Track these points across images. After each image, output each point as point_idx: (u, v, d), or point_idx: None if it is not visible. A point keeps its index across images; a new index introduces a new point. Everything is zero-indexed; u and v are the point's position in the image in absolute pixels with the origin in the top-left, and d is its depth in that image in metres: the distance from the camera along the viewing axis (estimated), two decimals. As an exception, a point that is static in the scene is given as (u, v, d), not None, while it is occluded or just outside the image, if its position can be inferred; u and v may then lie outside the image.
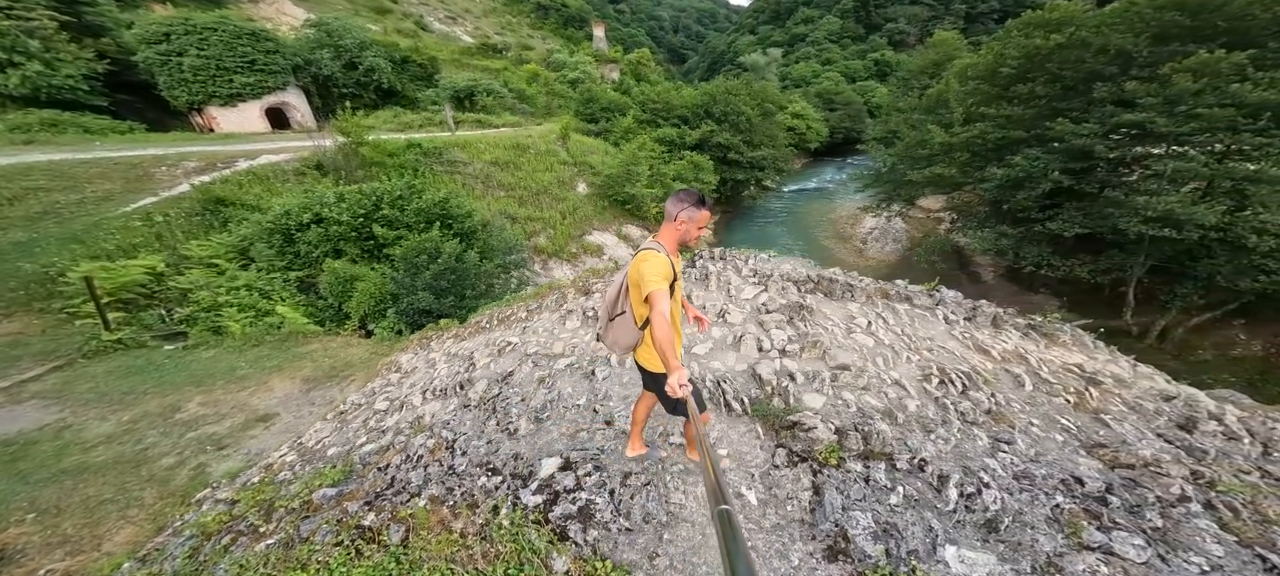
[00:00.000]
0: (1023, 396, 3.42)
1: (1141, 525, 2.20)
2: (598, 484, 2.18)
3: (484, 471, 2.29)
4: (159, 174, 12.52)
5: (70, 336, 6.54)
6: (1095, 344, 5.13)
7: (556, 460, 2.33)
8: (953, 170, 18.96)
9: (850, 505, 2.18)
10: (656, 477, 2.29)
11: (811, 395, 2.93)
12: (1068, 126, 13.23)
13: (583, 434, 2.60)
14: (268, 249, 9.24)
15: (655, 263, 1.79)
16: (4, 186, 10.45)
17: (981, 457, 2.61)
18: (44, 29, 19.27)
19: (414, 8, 45.88)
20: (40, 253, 8.18)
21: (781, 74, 68.95)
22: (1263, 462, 2.87)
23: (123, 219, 9.85)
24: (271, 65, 22.51)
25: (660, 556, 1.95)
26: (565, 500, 2.06)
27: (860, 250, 25.35)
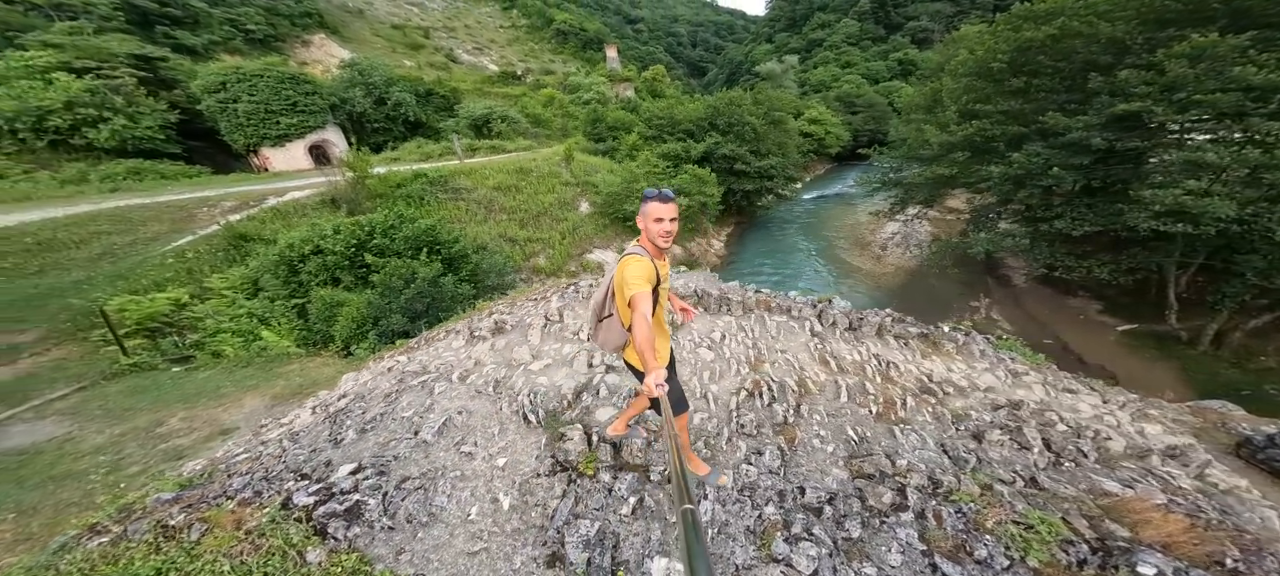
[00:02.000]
0: (834, 406, 3.49)
1: (837, 535, 2.31)
2: (374, 487, 2.53)
3: (293, 475, 2.70)
4: (200, 215, 14.16)
5: (100, 361, 7.61)
6: (1000, 354, 4.98)
7: (351, 465, 2.70)
8: (953, 170, 18.25)
9: (582, 514, 2.41)
10: (430, 483, 2.61)
11: (605, 410, 3.17)
12: (1060, 119, 12.55)
13: (393, 443, 2.96)
14: (274, 279, 10.29)
15: (637, 266, 1.87)
16: (74, 232, 12.20)
17: (728, 469, 2.77)
18: (126, 86, 22.21)
19: (444, 41, 49.09)
20: (90, 289, 9.53)
21: (800, 80, 68.06)
22: (1044, 472, 2.86)
23: (161, 257, 11.26)
24: (311, 105, 24.88)
25: (406, 552, 2.26)
26: (337, 500, 2.42)
27: (878, 256, 24.49)
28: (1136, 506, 2.63)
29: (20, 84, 20.38)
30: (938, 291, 18.68)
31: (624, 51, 64.18)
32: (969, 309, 17.26)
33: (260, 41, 34.58)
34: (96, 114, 21.03)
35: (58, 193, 17.72)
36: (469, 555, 2.22)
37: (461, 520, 2.41)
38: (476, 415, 3.20)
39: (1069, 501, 2.73)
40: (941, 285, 19.08)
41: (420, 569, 2.13)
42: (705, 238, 26.26)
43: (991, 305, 17.29)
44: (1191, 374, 11.28)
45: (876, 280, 21.53)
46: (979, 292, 18.02)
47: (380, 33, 45.45)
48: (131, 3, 29.24)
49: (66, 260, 11.21)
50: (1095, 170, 13.21)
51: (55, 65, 21.44)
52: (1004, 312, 16.77)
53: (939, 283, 19.30)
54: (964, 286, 18.87)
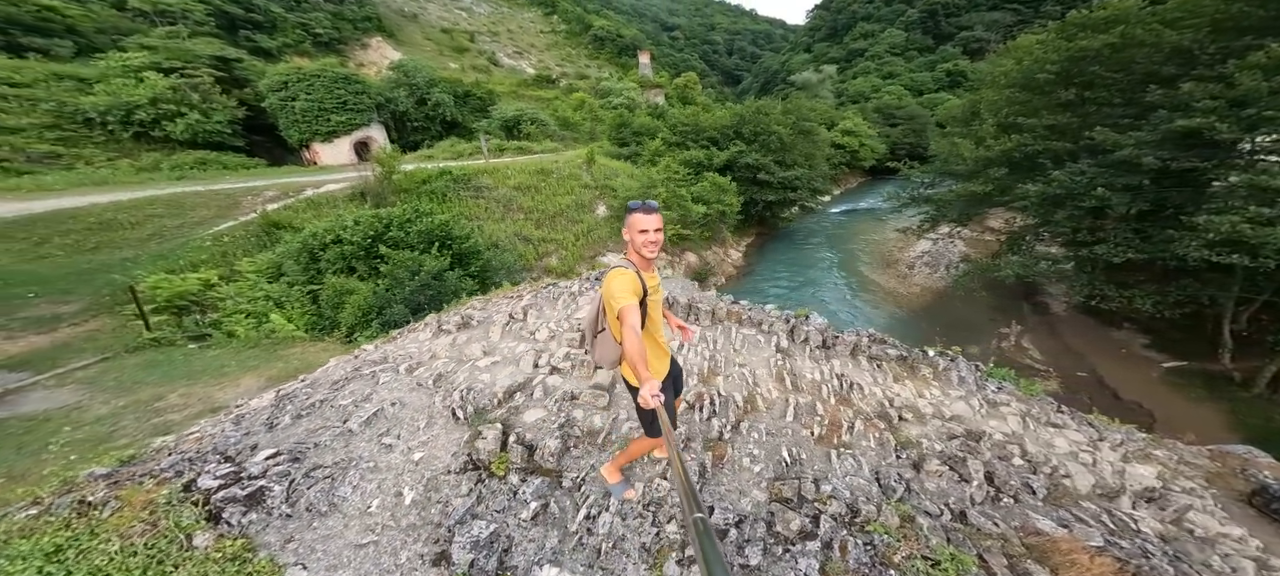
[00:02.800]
0: (777, 426, 3.30)
1: (735, 560, 2.16)
2: (283, 474, 2.57)
3: (217, 457, 2.77)
4: (244, 203, 15.17)
5: (127, 335, 8.23)
6: (986, 383, 4.58)
7: (270, 450, 2.75)
8: (988, 187, 17.17)
9: (481, 515, 2.35)
10: (340, 473, 2.62)
11: (535, 411, 3.10)
12: (1109, 135, 11.55)
13: (320, 431, 3.00)
14: (295, 265, 10.86)
15: (622, 280, 1.87)
16: (132, 214, 13.34)
17: (639, 481, 2.63)
18: (204, 84, 24.28)
19: (488, 45, 50.95)
20: (134, 266, 10.36)
21: (837, 90, 66.32)
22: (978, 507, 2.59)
23: (201, 240, 12.12)
24: (359, 104, 26.38)
25: (295, 541, 2.27)
26: (241, 485, 2.46)
27: (905, 276, 23.39)
28: (1066, 547, 2.42)
29: (116, 82, 22.60)
30: (965, 316, 17.62)
31: (658, 58, 64.58)
32: (998, 335, 16.20)
33: (325, 44, 37.08)
34: (175, 109, 23.08)
35: (132, 179, 19.45)
36: (356, 548, 2.20)
37: (360, 512, 2.40)
38: (409, 408, 3.21)
39: (993, 539, 2.52)
40: (970, 309, 17.98)
41: (304, 559, 2.12)
42: (723, 247, 25.87)
43: (1023, 333, 16.15)
44: (1241, 417, 10.17)
45: (900, 300, 20.54)
46: (1011, 319, 16.86)
47: (430, 36, 47.69)
48: (221, 9, 32.12)
49: (121, 239, 12.25)
50: (1145, 193, 12.09)
51: (147, 65, 23.68)
52: (1036, 341, 15.62)
53: (967, 307, 18.20)
54: (995, 311, 17.71)
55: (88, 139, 22.46)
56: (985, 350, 15.09)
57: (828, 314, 19.41)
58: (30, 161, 20.80)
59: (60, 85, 22.74)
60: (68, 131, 22.07)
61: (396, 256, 10.54)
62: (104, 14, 28.85)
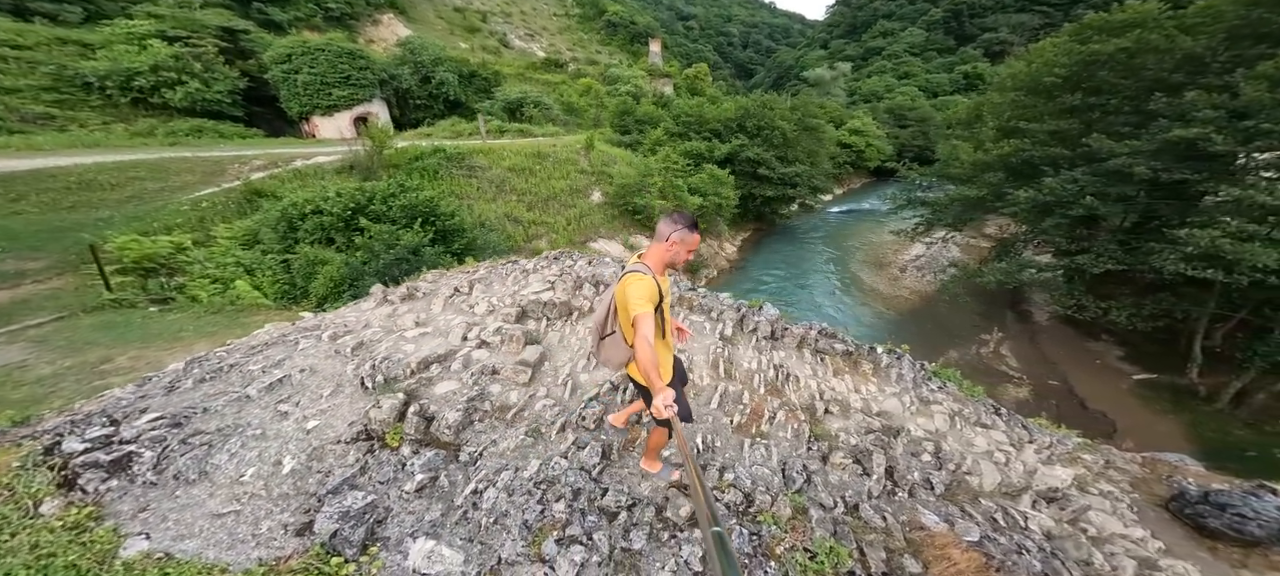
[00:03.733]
0: (701, 412, 3.33)
1: (618, 543, 2.10)
2: (157, 439, 2.46)
3: (103, 419, 2.67)
4: (230, 170, 15.05)
5: (88, 295, 8.16)
6: (927, 382, 4.47)
7: (155, 414, 2.65)
8: (983, 192, 16.91)
9: (362, 485, 2.25)
10: (221, 440, 2.52)
11: (448, 383, 2.99)
12: (1104, 142, 11.27)
13: (217, 395, 2.90)
14: (272, 233, 10.77)
15: (641, 285, 1.85)
16: (113, 176, 13.24)
17: (545, 460, 2.53)
18: (207, 54, 24.04)
19: (499, 26, 50.27)
20: (107, 227, 10.28)
21: (850, 88, 65.41)
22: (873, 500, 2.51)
23: (180, 204, 12.03)
24: (362, 79, 26.12)
25: (149, 510, 2.16)
26: (107, 450, 2.35)
27: (896, 279, 23.24)
28: (941, 542, 2.46)
29: (118, 48, 22.39)
30: (950, 321, 17.54)
31: (670, 47, 63.73)
32: (978, 342, 16.15)
33: (337, 19, 36.59)
34: (176, 77, 22.87)
35: (125, 143, 19.31)
36: (214, 517, 2.10)
37: (231, 481, 2.30)
38: (319, 375, 3.12)
39: (878, 532, 2.54)
40: (955, 315, 17.90)
41: (151, 528, 2.02)
42: (718, 240, 25.63)
43: (1003, 340, 16.07)
44: (1199, 430, 10.27)
45: (888, 302, 20.42)
46: (994, 326, 16.71)
47: (443, 14, 47.05)
48: None
49: (98, 200, 12.17)
50: (1136, 204, 11.83)
51: (152, 33, 23.43)
52: (1015, 349, 15.58)
53: (953, 312, 18.11)
54: (980, 318, 17.60)
55: (85, 103, 22.31)
56: (964, 355, 15.05)
57: (816, 311, 19.18)
58: (23, 121, 20.70)
59: (63, 49, 22.58)
60: (66, 94, 21.93)
61: (374, 229, 10.44)
62: None
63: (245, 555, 1.89)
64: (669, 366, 2.17)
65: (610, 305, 2.10)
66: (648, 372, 1.63)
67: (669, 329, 2.11)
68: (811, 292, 20.81)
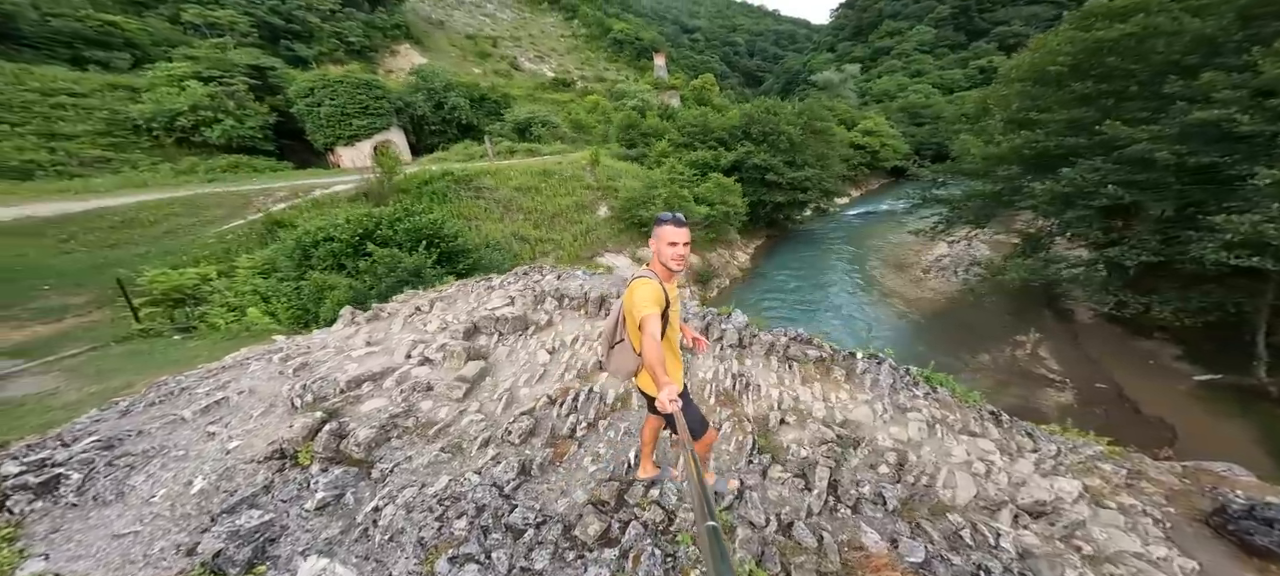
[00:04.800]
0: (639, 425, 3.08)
1: (518, 563, 2.03)
2: (86, 461, 2.51)
3: (55, 442, 2.74)
4: (256, 203, 15.86)
5: (120, 326, 8.64)
6: (910, 387, 4.15)
7: (92, 437, 2.70)
8: (998, 186, 16.10)
9: (261, 504, 2.21)
10: (143, 461, 2.54)
11: (376, 400, 2.95)
12: (1118, 128, 10.54)
13: (156, 419, 2.94)
14: (288, 261, 11.20)
15: (646, 289, 1.88)
16: (152, 213, 14.16)
17: (456, 476, 2.43)
18: (239, 92, 25.66)
19: (510, 50, 51.93)
20: (143, 261, 10.93)
21: (861, 89, 64.20)
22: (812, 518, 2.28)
23: (206, 237, 12.71)
24: (379, 109, 27.30)
25: (61, 531, 2.18)
26: (37, 472, 2.40)
27: (919, 281, 22.18)
28: (878, 563, 2.26)
29: (161, 90, 24.16)
30: (978, 323, 16.50)
31: (677, 60, 64.21)
32: (1011, 343, 15.07)
33: (358, 52, 38.69)
34: (212, 115, 24.44)
35: (170, 181, 20.65)
36: (114, 538, 2.10)
37: (142, 501, 2.31)
38: (256, 396, 3.14)
39: (810, 553, 2.33)
40: (984, 316, 16.85)
41: (53, 549, 2.04)
42: (729, 249, 25.30)
43: (1040, 342, 14.96)
44: (1276, 436, 9.10)
45: (911, 305, 19.44)
46: (1029, 327, 15.64)
47: (456, 42, 49.03)
48: (265, 21, 34.07)
49: (138, 236, 13.00)
50: (1167, 190, 10.98)
51: (189, 74, 25.20)
52: (1054, 350, 14.44)
53: (981, 313, 17.05)
54: (1013, 318, 16.47)
55: (135, 144, 24.07)
56: (996, 359, 14.09)
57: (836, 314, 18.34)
58: (82, 166, 22.43)
59: (114, 94, 24.49)
60: (118, 137, 23.72)
61: (379, 254, 10.71)
62: (160, 27, 31.02)
63: (129, 575, 1.87)
64: (678, 373, 2.13)
65: (619, 313, 2.10)
66: (653, 368, 1.63)
67: (673, 333, 2.08)
68: (830, 297, 20.08)
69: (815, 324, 17.25)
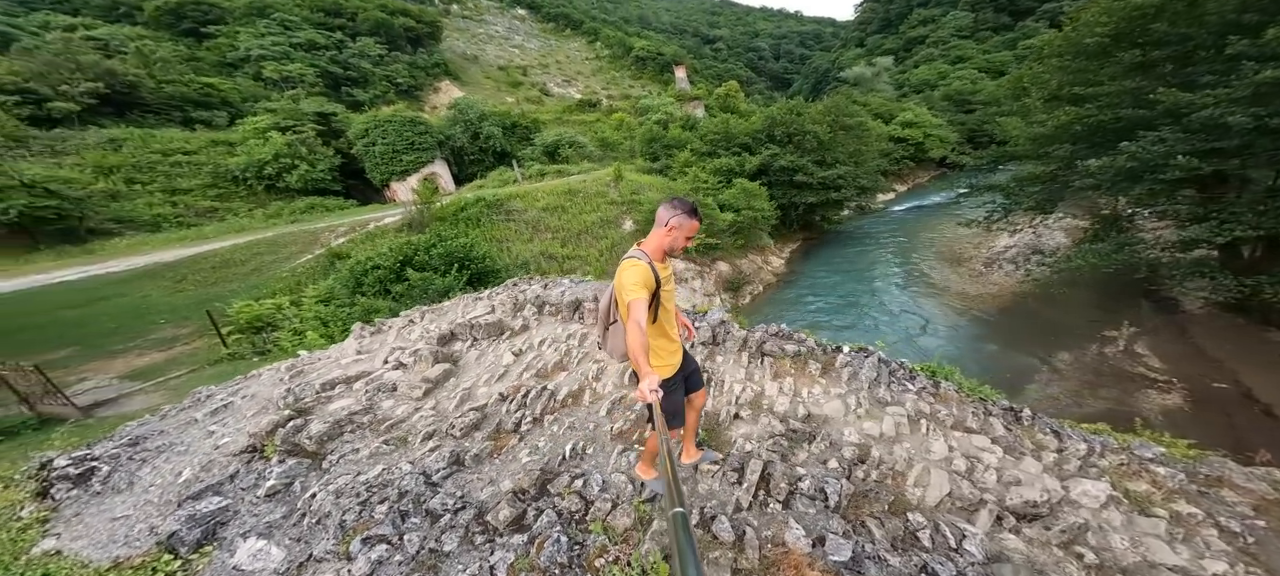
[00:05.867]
0: (588, 419, 3.17)
1: (428, 544, 2.10)
2: (113, 455, 2.93)
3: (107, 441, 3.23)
4: (322, 238, 17.65)
5: (215, 353, 9.89)
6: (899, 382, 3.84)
7: (127, 438, 3.15)
8: (1051, 166, 14.52)
9: (221, 491, 2.48)
10: (154, 455, 2.92)
11: (342, 400, 3.19)
12: (1174, 96, 9.21)
13: (177, 419, 3.37)
14: (343, 289, 12.35)
15: (634, 272, 1.81)
16: (243, 253, 16.17)
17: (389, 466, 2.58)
18: (310, 137, 28.78)
19: (539, 77, 54.45)
20: (234, 296, 12.49)
21: (897, 81, 60.77)
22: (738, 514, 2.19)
23: (282, 272, 14.28)
24: (424, 143, 29.52)
25: (79, 516, 2.55)
26: (77, 465, 2.85)
27: (979, 275, 20.04)
28: (797, 561, 2.13)
29: (250, 143, 27.61)
30: (1056, 318, 14.29)
31: (700, 71, 64.16)
32: (1099, 339, 12.98)
33: (406, 92, 42.30)
34: (291, 162, 27.55)
35: (262, 224, 23.47)
36: (112, 520, 2.45)
37: (143, 490, 2.66)
38: (256, 400, 3.51)
39: (726, 548, 2.22)
40: (1061, 310, 14.67)
41: (65, 530, 2.40)
42: (761, 254, 24.66)
43: (1136, 336, 12.69)
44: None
45: (971, 301, 17.39)
46: (1122, 320, 13.48)
47: (490, 75, 52.21)
48: (327, 71, 38.25)
49: (232, 274, 14.87)
50: (1256, 154, 9.40)
51: (270, 126, 28.64)
52: (1154, 346, 12.17)
53: (1059, 307, 14.92)
54: (1100, 311, 14.24)
55: (235, 193, 27.58)
56: (1079, 357, 11.97)
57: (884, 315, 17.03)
58: (197, 216, 26.02)
59: (216, 150, 28.24)
60: (222, 188, 27.31)
61: (415, 277, 11.55)
62: (247, 86, 35.53)
63: (109, 553, 2.18)
64: (675, 359, 2.06)
65: (611, 295, 2.04)
66: (636, 356, 1.58)
67: (670, 317, 2.01)
68: (877, 296, 18.32)
69: (860, 325, 16.09)
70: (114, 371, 9.72)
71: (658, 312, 1.92)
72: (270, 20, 38.85)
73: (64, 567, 2.08)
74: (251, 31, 37.93)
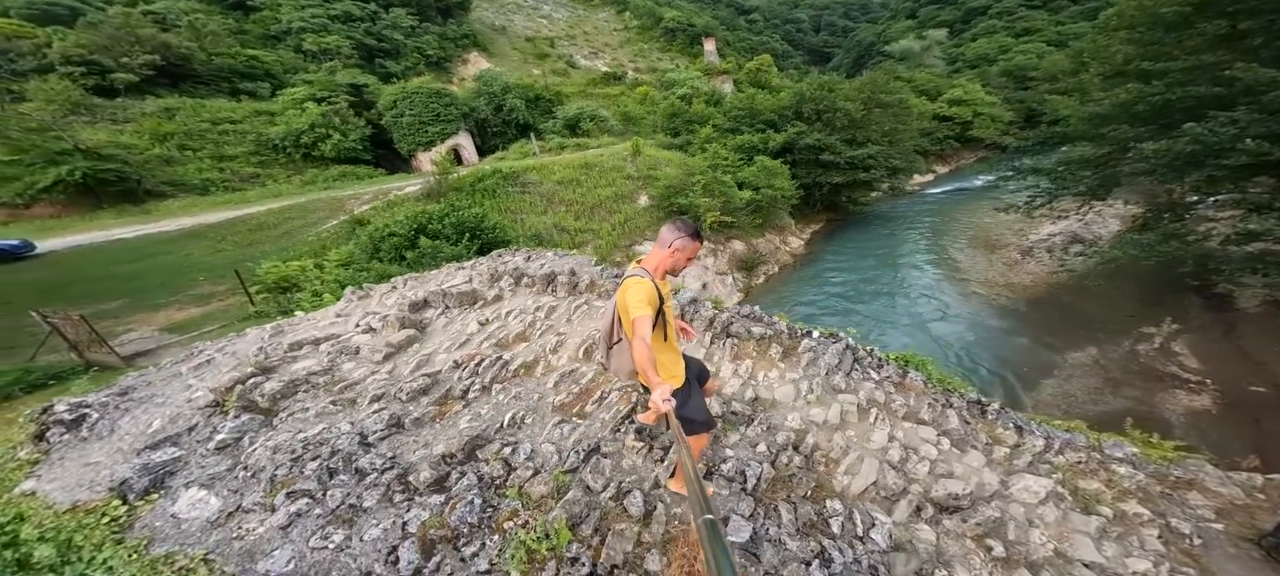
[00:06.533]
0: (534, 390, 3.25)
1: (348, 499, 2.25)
2: (104, 404, 3.18)
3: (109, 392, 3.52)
4: (347, 205, 18.33)
5: (244, 309, 10.57)
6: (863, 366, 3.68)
7: (118, 389, 3.41)
8: (1105, 149, 13.23)
9: (178, 442, 2.65)
10: (136, 406, 3.15)
11: (306, 361, 3.34)
12: (1257, 73, 8.07)
13: (165, 372, 3.61)
14: (362, 254, 12.86)
15: (640, 289, 1.84)
16: (276, 218, 17.03)
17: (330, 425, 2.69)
18: (343, 108, 29.61)
19: (566, 49, 53.46)
20: (264, 257, 13.24)
21: (949, 55, 56.24)
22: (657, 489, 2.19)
23: (308, 237, 14.98)
24: (449, 115, 29.84)
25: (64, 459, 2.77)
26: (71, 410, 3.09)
27: (1015, 264, 18.65)
28: (696, 539, 2.12)
29: (289, 113, 28.66)
30: (1094, 311, 13.19)
31: (732, 43, 61.29)
32: (1136, 336, 11.95)
33: (436, 63, 42.54)
34: (325, 132, 28.49)
35: (298, 190, 24.52)
36: (84, 466, 2.68)
37: (119, 438, 2.89)
38: (236, 356, 3.73)
39: (634, 522, 2.25)
40: (1100, 304, 13.58)
41: (45, 473, 2.64)
42: (779, 233, 23.96)
43: (1176, 334, 11.60)
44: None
45: (1001, 291, 16.24)
46: (1164, 316, 12.37)
47: (517, 46, 51.69)
48: (362, 43, 38.90)
49: (265, 237, 15.73)
50: None
51: (307, 97, 29.56)
52: (1193, 345, 11.09)
53: (1096, 300, 13.81)
54: (1143, 306, 13.06)
55: (275, 160, 28.85)
56: (1109, 353, 11.09)
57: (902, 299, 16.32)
58: (242, 181, 27.43)
59: (258, 120, 29.48)
60: (264, 155, 28.61)
61: (426, 245, 11.88)
62: (288, 58, 36.62)
63: (73, 496, 2.38)
64: (679, 369, 2.11)
65: (614, 314, 2.05)
66: (644, 368, 1.65)
67: (672, 332, 2.07)
68: (898, 280, 17.62)
69: (871, 309, 15.53)
70: (156, 324, 10.60)
71: (665, 331, 1.97)
72: (310, -9, 39.52)
73: (32, 508, 2.30)
74: (292, 3, 38.76)
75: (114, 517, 2.14)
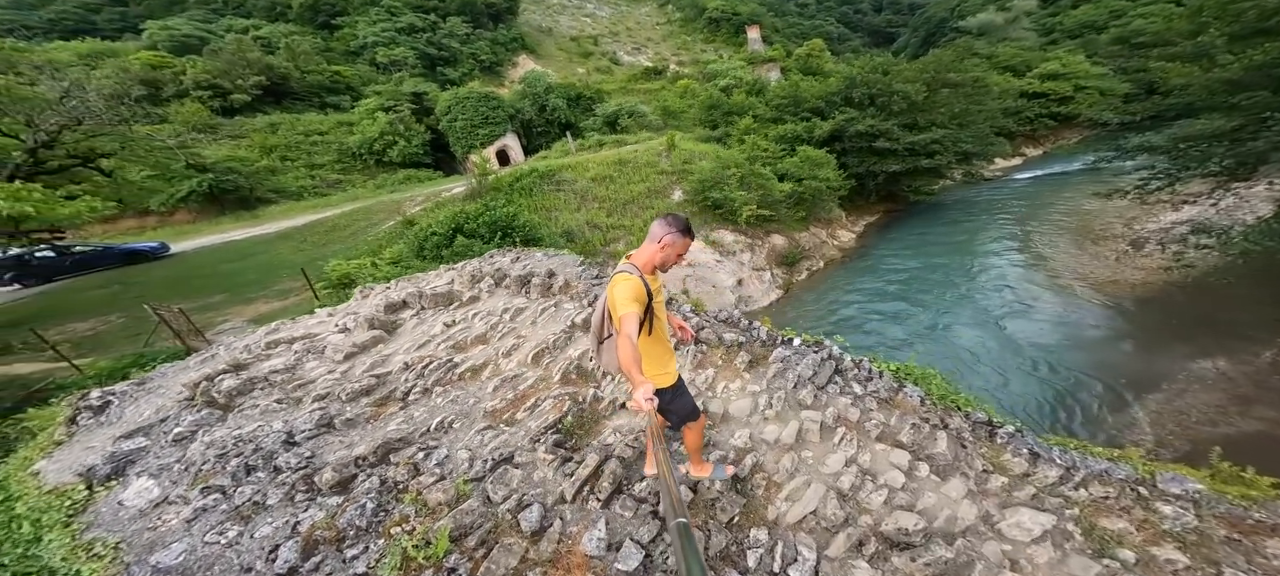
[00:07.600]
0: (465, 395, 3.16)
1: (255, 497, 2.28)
2: (123, 393, 3.59)
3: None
4: (404, 207, 19.80)
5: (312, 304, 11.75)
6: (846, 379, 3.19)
7: (138, 380, 3.83)
8: (1237, 120, 10.75)
9: (148, 433, 2.89)
10: (144, 396, 3.52)
11: (277, 359, 3.52)
12: None
13: (180, 367, 4.00)
14: (409, 253, 13.84)
15: (627, 286, 1.81)
16: (347, 220, 18.83)
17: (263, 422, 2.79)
18: (406, 115, 32.12)
19: (609, 46, 53.66)
20: (333, 255, 14.69)
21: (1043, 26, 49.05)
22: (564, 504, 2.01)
23: (370, 236, 16.39)
24: (496, 117, 31.26)
25: (81, 441, 3.19)
26: (97, 399, 3.55)
27: (1123, 256, 15.57)
28: (581, 563, 2.04)
29: (363, 123, 31.57)
30: (1222, 312, 10.79)
31: (780, 30, 57.92)
32: (1260, 341, 9.65)
33: (488, 68, 44.70)
34: (392, 139, 31.07)
35: (371, 194, 26.95)
36: (83, 450, 3.01)
37: (118, 425, 3.23)
38: (232, 352, 4.03)
39: (524, 538, 2.13)
40: (1231, 305, 11.09)
41: (55, 454, 2.99)
42: (826, 227, 22.45)
43: None
44: None
45: (1106, 288, 13.48)
46: None
47: (562, 46, 52.74)
48: (424, 53, 41.90)
49: (337, 237, 17.45)
50: None
51: (377, 107, 32.37)
52: None
53: (1222, 301, 11.26)
54: None
55: (354, 167, 31.91)
56: (1236, 366, 9.02)
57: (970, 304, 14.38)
58: (327, 187, 30.68)
59: (340, 130, 32.74)
60: (345, 163, 31.76)
61: (460, 243, 12.49)
62: (365, 71, 40.25)
63: (60, 478, 2.67)
64: (670, 365, 2.06)
65: (604, 310, 2.00)
66: (628, 369, 1.60)
67: (662, 327, 2.03)
68: (969, 279, 15.38)
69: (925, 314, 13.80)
70: (246, 315, 12.15)
71: (652, 325, 1.92)
72: (379, 7, 43.07)
73: (28, 488, 2.61)
74: (366, 19, 42.51)
75: (76, 500, 2.38)
